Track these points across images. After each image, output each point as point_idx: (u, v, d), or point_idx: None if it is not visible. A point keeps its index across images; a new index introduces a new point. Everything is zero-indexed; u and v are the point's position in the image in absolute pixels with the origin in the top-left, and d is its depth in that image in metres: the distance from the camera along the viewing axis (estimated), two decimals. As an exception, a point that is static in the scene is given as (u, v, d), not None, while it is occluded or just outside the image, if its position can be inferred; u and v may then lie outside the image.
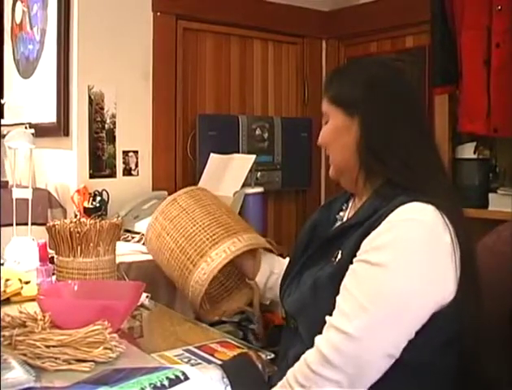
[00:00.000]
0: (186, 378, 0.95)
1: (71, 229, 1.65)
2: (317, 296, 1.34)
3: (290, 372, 1.20)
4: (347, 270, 1.28)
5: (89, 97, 3.10)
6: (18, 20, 3.68)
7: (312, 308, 1.35)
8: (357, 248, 1.29)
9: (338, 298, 1.26)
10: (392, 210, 1.28)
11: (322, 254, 1.41)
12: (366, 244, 1.28)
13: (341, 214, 1.55)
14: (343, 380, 1.17)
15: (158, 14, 3.29)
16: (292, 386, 1.16)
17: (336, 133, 1.44)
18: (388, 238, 1.26)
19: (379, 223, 1.28)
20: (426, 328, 1.25)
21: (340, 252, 1.35)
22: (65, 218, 2.99)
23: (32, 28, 3.51)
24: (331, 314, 1.26)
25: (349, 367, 1.18)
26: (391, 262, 1.23)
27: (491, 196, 2.95)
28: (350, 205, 1.55)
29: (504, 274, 1.58)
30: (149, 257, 2.60)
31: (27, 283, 1.93)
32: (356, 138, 1.40)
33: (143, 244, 2.71)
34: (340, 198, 1.61)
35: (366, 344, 1.19)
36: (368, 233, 1.29)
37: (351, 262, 1.29)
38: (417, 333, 1.24)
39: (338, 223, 1.51)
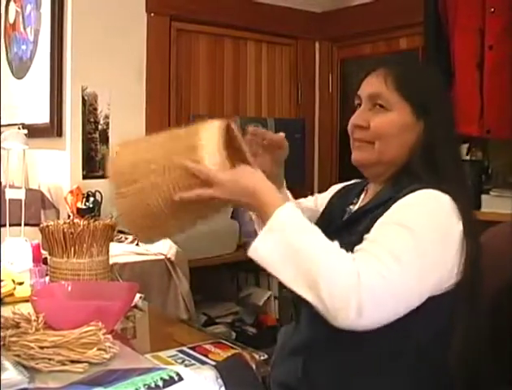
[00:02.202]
0: (180, 378, 0.95)
1: (65, 230, 1.64)
2: None
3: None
4: None
5: (83, 97, 3.10)
6: (11, 20, 3.67)
7: None
8: (372, 225, 1.29)
9: (364, 245, 1.24)
10: (410, 192, 1.30)
11: (337, 239, 1.35)
12: (385, 214, 1.29)
13: (351, 207, 1.54)
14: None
15: (152, 15, 3.29)
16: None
17: (401, 129, 1.40)
18: (408, 210, 1.27)
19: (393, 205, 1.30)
20: (421, 313, 1.25)
21: (353, 237, 1.33)
22: (58, 218, 2.98)
23: (25, 29, 3.51)
24: None
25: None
26: (416, 225, 1.24)
27: (483, 197, 2.96)
28: (362, 197, 1.55)
29: (496, 275, 1.59)
30: (143, 258, 2.61)
31: (20, 284, 1.92)
32: (417, 140, 1.40)
33: (136, 244, 2.72)
34: (353, 189, 1.60)
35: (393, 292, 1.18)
36: (380, 215, 1.30)
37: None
38: (413, 319, 1.24)
39: (347, 215, 1.51)
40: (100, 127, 3.15)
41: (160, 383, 0.93)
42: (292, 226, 1.22)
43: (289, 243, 1.19)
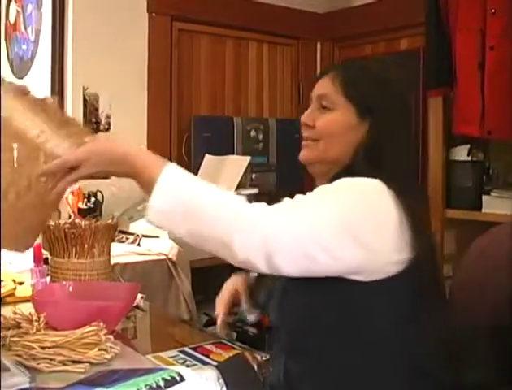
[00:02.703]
0: (182, 379, 0.95)
1: (66, 230, 1.64)
2: (283, 285, 1.37)
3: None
4: None
5: (84, 97, 3.10)
6: (12, 20, 3.67)
7: (276, 294, 1.39)
8: None
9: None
10: None
11: None
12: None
13: None
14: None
15: (154, 15, 3.29)
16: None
17: (344, 129, 1.44)
18: (332, 184, 1.32)
19: None
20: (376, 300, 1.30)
21: None
22: (59, 219, 2.98)
23: (26, 29, 3.50)
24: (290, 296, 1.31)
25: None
26: (335, 191, 1.29)
27: (484, 198, 2.96)
28: None
29: (496, 276, 1.59)
30: (144, 258, 2.61)
31: (21, 283, 1.92)
32: (361, 140, 1.42)
33: (138, 244, 2.72)
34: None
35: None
36: None
37: None
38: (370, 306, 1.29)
39: None
40: (101, 127, 3.15)
41: (162, 384, 0.93)
42: (184, 182, 1.23)
43: (186, 199, 1.20)
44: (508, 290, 1.56)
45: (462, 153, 3.07)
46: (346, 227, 1.24)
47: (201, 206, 1.21)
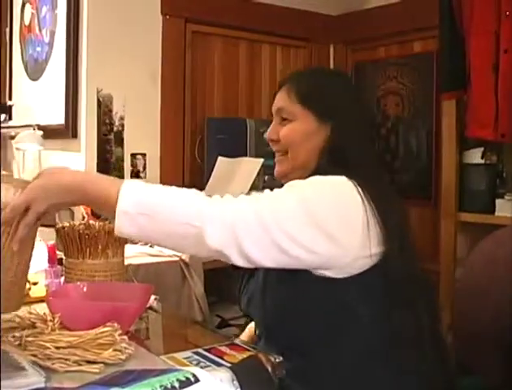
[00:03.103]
0: (196, 380, 0.95)
1: (81, 231, 1.65)
2: (261, 288, 1.42)
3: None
4: None
5: (98, 99, 3.11)
6: (27, 22, 3.70)
7: (256, 297, 1.44)
8: None
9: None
10: None
11: None
12: None
13: None
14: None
15: (167, 17, 3.31)
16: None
17: (306, 136, 1.49)
18: (306, 181, 1.36)
19: None
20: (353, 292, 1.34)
21: None
22: (72, 219, 2.99)
23: (40, 30, 3.53)
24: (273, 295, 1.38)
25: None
26: (305, 187, 1.33)
27: (498, 201, 2.95)
28: None
29: (499, 278, 1.59)
30: (157, 259, 2.62)
31: (35, 284, 1.93)
32: (324, 142, 1.47)
33: (151, 246, 2.73)
34: None
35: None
36: None
37: None
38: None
39: None
40: (115, 128, 3.16)
41: (176, 385, 0.93)
42: (146, 188, 1.24)
43: (151, 202, 1.22)
44: (509, 290, 1.57)
45: (475, 157, 3.06)
46: (310, 215, 1.28)
47: (167, 205, 1.23)
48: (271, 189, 1.34)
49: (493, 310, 1.54)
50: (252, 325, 1.74)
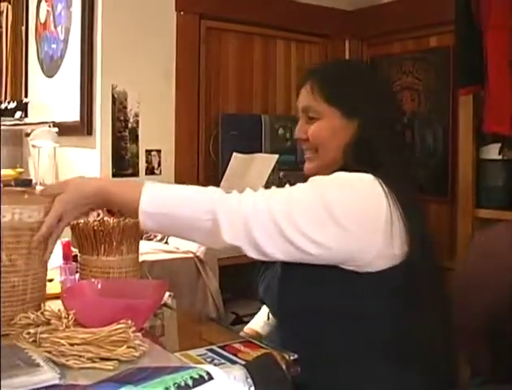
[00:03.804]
0: (210, 378, 0.95)
1: (95, 228, 1.65)
2: (279, 275, 1.43)
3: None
4: None
5: (113, 96, 3.12)
6: (42, 20, 3.71)
7: (273, 285, 1.46)
8: None
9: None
10: None
11: None
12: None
13: None
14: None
15: (182, 13, 3.30)
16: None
17: (334, 133, 1.49)
18: (329, 178, 1.37)
19: None
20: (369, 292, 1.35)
21: None
22: (87, 216, 3.00)
23: (56, 28, 3.54)
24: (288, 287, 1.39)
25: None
26: (325, 182, 1.35)
27: (515, 197, 2.92)
28: None
29: (494, 273, 1.60)
30: (172, 256, 2.62)
31: (50, 280, 1.93)
32: (351, 139, 1.47)
33: (166, 242, 2.73)
34: None
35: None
36: None
37: None
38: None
39: None
40: (130, 125, 3.16)
41: (190, 382, 0.93)
42: (165, 187, 1.38)
43: (170, 199, 1.33)
44: (506, 287, 1.56)
45: (492, 152, 3.03)
46: (327, 210, 1.29)
47: (183, 204, 1.32)
48: (293, 184, 1.36)
49: (484, 301, 1.56)
50: (255, 321, 1.75)
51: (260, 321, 1.77)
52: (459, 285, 1.62)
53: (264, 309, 1.78)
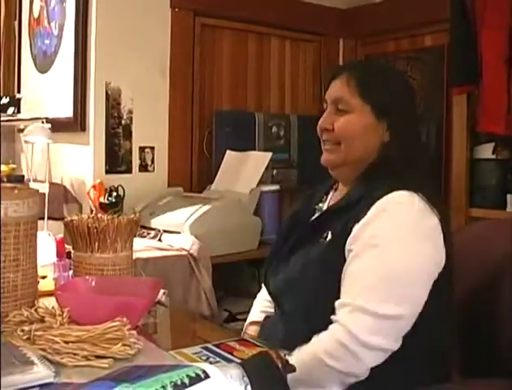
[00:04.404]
0: (206, 376, 0.94)
1: (89, 225, 1.64)
2: (306, 274, 1.44)
3: (318, 348, 1.32)
4: (337, 249, 1.39)
5: (106, 92, 3.10)
6: (36, 15, 3.69)
7: (301, 285, 1.46)
8: (347, 229, 1.40)
9: (346, 283, 1.37)
10: (380, 197, 1.38)
11: (309, 238, 1.50)
12: (359, 228, 1.38)
13: (320, 205, 1.63)
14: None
15: (176, 10, 3.29)
16: (324, 360, 1.31)
17: (363, 130, 1.49)
18: (381, 221, 1.37)
19: (368, 208, 1.38)
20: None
21: (329, 232, 1.45)
22: (81, 213, 2.99)
23: (49, 23, 3.52)
24: (319, 292, 1.41)
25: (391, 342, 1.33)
26: (388, 242, 1.35)
27: (509, 197, 2.93)
28: (330, 196, 1.63)
29: (471, 269, 1.64)
30: (165, 253, 2.61)
31: (43, 277, 1.92)
32: (380, 140, 1.49)
33: (159, 240, 2.72)
34: (319, 191, 1.69)
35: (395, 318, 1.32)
36: (357, 216, 1.39)
37: (341, 244, 1.39)
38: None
39: (317, 214, 1.59)
40: (123, 121, 3.15)
41: (186, 381, 0.92)
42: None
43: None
44: (478, 287, 1.61)
45: (486, 152, 3.04)
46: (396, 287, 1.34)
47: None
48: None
49: (467, 300, 1.60)
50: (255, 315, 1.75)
51: (257, 313, 1.75)
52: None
53: (258, 305, 1.77)
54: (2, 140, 3.44)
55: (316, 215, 1.58)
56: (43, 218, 2.62)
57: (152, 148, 3.24)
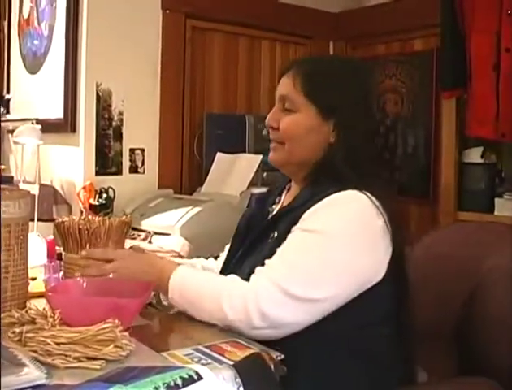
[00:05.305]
0: (199, 378, 0.95)
1: (80, 226, 1.64)
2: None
3: (225, 289, 1.36)
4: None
5: (97, 93, 3.10)
6: (25, 15, 3.67)
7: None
8: (292, 226, 1.39)
9: (272, 259, 1.37)
10: (328, 195, 1.38)
11: (259, 241, 1.50)
12: (302, 218, 1.38)
13: (274, 207, 1.62)
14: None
15: (167, 12, 3.30)
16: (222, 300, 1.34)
17: (306, 130, 1.47)
18: (323, 212, 1.36)
19: (313, 205, 1.38)
20: (358, 305, 1.36)
21: (275, 232, 1.44)
22: (70, 214, 2.99)
23: (39, 24, 3.51)
24: None
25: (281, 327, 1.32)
26: (326, 229, 1.34)
27: (497, 201, 2.95)
28: (283, 197, 1.62)
29: (438, 273, 1.67)
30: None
31: (33, 279, 1.92)
32: (326, 140, 1.46)
33: (149, 242, 2.72)
34: (271, 194, 1.68)
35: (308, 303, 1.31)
36: (302, 215, 1.39)
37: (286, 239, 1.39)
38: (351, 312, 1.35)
39: (270, 216, 1.58)
40: (114, 123, 3.15)
41: (179, 382, 0.93)
42: (184, 284, 1.45)
43: (187, 298, 1.43)
44: (450, 286, 1.63)
45: (474, 156, 3.06)
46: (324, 265, 1.33)
47: (199, 294, 1.42)
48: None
49: (434, 304, 1.63)
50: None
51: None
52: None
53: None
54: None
55: (269, 217, 1.58)
56: (33, 220, 2.61)
57: (142, 150, 3.24)
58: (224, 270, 1.62)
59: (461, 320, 1.58)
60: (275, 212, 1.58)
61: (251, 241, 1.54)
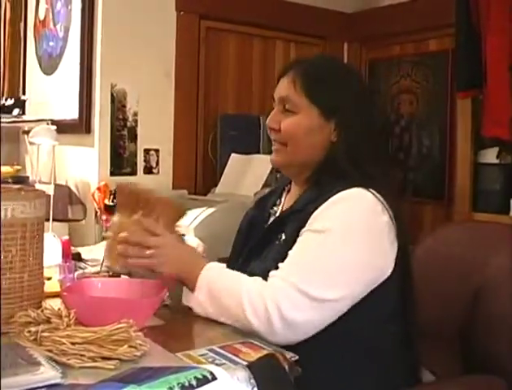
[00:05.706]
0: (214, 378, 0.95)
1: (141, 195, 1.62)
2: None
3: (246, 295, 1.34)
4: (291, 247, 1.38)
5: (112, 94, 3.11)
6: (41, 17, 3.70)
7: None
8: (300, 229, 1.39)
9: (287, 262, 1.36)
10: (334, 195, 1.38)
11: (264, 243, 1.50)
12: (311, 219, 1.38)
13: (275, 208, 1.61)
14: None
15: (182, 13, 3.30)
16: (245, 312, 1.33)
17: (308, 131, 1.47)
18: (330, 212, 1.37)
19: (320, 206, 1.38)
20: (366, 303, 1.36)
21: (283, 234, 1.44)
22: (85, 214, 3.01)
23: (55, 25, 3.53)
24: None
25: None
26: (335, 228, 1.35)
27: (512, 202, 2.93)
28: (283, 199, 1.61)
29: (442, 273, 1.67)
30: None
31: (48, 279, 1.93)
32: (328, 140, 1.46)
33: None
34: (272, 195, 1.67)
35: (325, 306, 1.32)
36: (310, 216, 1.38)
37: (295, 242, 1.38)
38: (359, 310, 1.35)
39: (272, 218, 1.58)
40: (128, 124, 3.16)
41: (194, 382, 0.93)
42: (212, 283, 1.42)
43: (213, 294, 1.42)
44: (453, 286, 1.63)
45: (490, 156, 3.04)
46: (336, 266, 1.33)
47: (225, 303, 1.40)
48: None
49: (435, 304, 1.63)
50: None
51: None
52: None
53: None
54: (6, 142, 3.46)
55: (271, 220, 1.57)
56: (48, 220, 2.62)
57: (157, 150, 3.25)
58: None
59: (465, 320, 1.58)
60: (277, 214, 1.58)
61: (256, 243, 1.54)
